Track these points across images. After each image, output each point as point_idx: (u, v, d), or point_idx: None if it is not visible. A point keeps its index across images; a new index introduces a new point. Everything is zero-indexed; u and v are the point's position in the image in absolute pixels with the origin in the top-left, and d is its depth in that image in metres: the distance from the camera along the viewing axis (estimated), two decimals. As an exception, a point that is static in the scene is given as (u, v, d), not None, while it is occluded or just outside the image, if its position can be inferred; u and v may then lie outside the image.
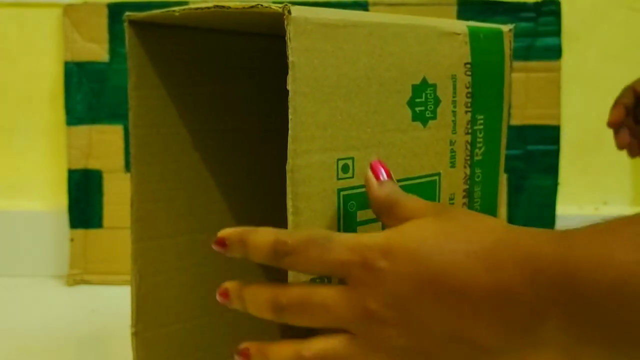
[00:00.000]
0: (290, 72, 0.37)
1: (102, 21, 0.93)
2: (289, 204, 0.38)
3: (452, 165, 0.47)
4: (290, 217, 0.38)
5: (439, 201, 0.46)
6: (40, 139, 0.97)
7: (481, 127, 0.49)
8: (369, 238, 0.35)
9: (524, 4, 0.92)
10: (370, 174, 0.39)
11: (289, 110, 0.37)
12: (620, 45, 0.95)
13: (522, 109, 0.92)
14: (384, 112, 0.42)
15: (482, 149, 0.50)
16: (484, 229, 0.34)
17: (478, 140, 0.49)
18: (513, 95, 0.52)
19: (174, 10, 0.44)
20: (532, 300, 0.31)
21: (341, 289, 0.35)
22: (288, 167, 0.37)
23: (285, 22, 0.36)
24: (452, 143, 0.47)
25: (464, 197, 0.49)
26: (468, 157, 0.48)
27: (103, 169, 0.93)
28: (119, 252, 0.92)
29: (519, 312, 0.32)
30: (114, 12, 0.92)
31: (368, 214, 0.42)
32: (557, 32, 0.93)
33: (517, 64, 0.91)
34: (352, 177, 0.41)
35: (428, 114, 0.45)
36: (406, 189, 0.42)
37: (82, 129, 0.93)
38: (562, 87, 0.93)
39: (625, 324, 0.29)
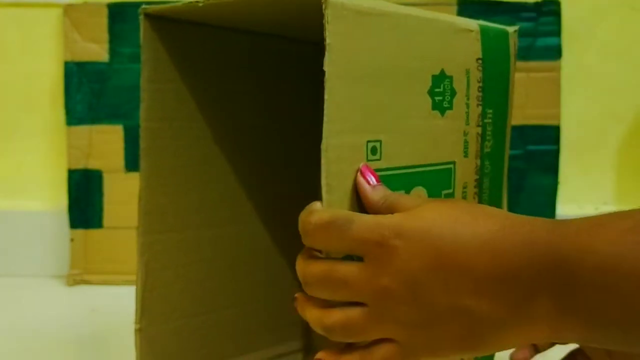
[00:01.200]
0: (327, 54, 0.38)
1: (102, 21, 0.93)
2: (323, 182, 0.39)
3: (465, 155, 0.48)
4: (324, 196, 0.39)
5: (453, 190, 0.48)
6: (40, 139, 0.97)
7: (490, 120, 0.50)
8: (385, 218, 0.38)
9: (524, 4, 0.93)
10: (360, 178, 0.41)
11: (325, 91, 0.38)
12: (620, 45, 0.96)
13: (522, 109, 0.92)
14: (408, 100, 0.43)
15: (491, 142, 0.51)
16: (487, 214, 0.38)
17: (487, 133, 0.50)
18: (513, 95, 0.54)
19: (197, 2, 0.44)
20: (527, 282, 0.35)
21: (359, 266, 0.38)
22: (323, 146, 0.39)
23: (324, 6, 0.38)
24: (465, 134, 0.48)
25: (475, 186, 0.50)
26: (479, 149, 0.49)
27: (103, 169, 0.93)
28: (119, 252, 0.92)
29: (515, 290, 0.36)
30: (114, 12, 0.92)
31: None
32: (557, 32, 0.93)
33: (518, 63, 0.89)
34: (380, 159, 0.42)
35: (445, 104, 0.46)
36: (424, 175, 0.44)
37: (82, 129, 0.93)
38: (562, 87, 0.93)
39: (601, 307, 0.33)
